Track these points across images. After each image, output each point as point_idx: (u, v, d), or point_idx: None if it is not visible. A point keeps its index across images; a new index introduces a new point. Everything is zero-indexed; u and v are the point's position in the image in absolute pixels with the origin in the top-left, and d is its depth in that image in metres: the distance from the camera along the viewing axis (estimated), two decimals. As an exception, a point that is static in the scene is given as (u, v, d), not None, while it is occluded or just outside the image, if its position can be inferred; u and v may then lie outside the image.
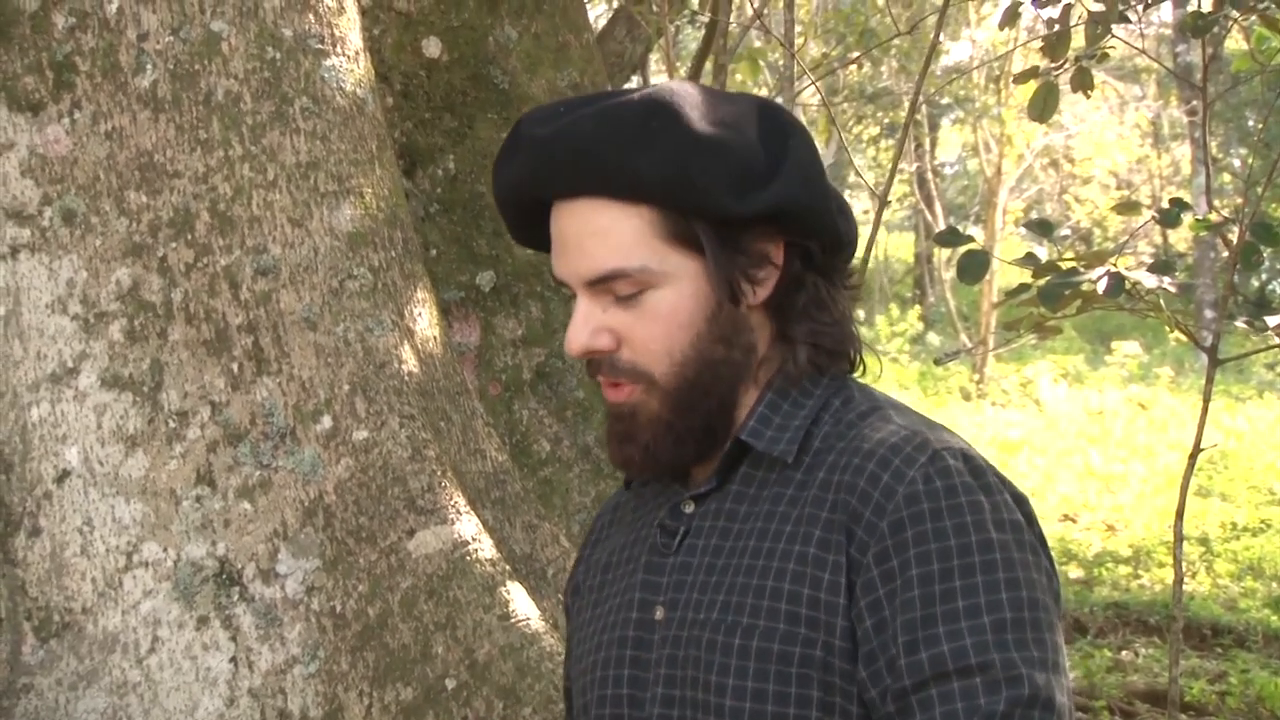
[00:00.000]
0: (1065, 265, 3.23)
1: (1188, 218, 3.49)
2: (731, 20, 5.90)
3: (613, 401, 1.36)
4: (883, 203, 4.14)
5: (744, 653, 1.27)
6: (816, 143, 1.81)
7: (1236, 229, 3.49)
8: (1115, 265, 3.14)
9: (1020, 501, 1.31)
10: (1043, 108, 3.71)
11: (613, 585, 1.44)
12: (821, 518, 1.29)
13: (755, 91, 8.04)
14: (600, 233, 1.31)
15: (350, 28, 2.62)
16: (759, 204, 1.31)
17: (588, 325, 1.33)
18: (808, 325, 1.37)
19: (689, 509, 1.39)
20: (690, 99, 1.32)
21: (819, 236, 1.36)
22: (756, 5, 5.69)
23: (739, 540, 1.33)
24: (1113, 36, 3.77)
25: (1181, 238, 19.70)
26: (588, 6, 5.77)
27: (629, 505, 1.52)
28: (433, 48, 3.18)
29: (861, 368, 1.44)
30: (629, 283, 1.31)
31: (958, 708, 1.18)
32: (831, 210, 1.36)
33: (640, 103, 1.32)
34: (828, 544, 1.28)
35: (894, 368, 15.42)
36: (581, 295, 1.34)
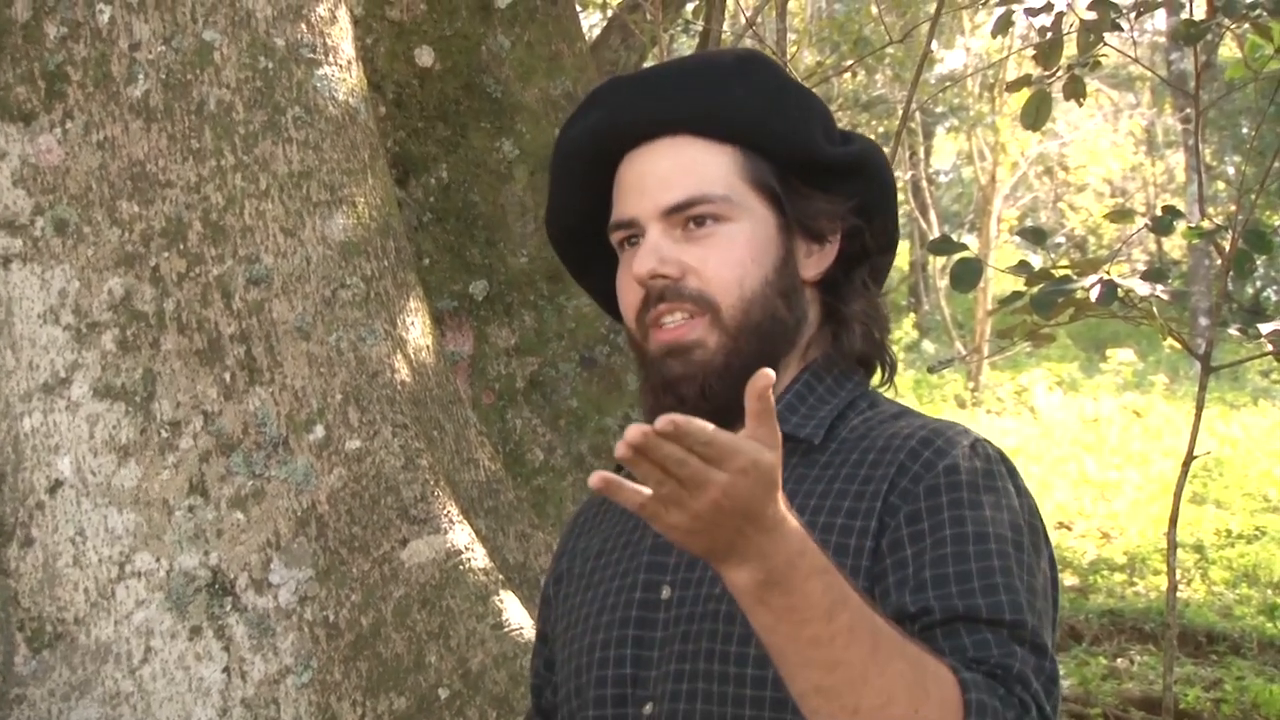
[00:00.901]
0: (1059, 273, 3.24)
1: (1181, 225, 3.50)
2: (725, 29, 5.91)
3: (666, 341, 1.35)
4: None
5: None
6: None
7: (1230, 236, 3.50)
8: (1109, 273, 3.15)
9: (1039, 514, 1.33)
10: (1035, 116, 3.72)
11: (608, 570, 1.43)
12: (852, 490, 1.30)
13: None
14: (686, 165, 1.35)
15: (343, 37, 2.62)
16: (843, 153, 1.38)
17: (656, 253, 1.34)
18: (861, 305, 1.41)
19: None
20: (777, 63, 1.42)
21: (881, 214, 1.41)
22: (750, 14, 5.69)
23: None
24: (1105, 44, 3.78)
25: (1175, 245, 19.72)
26: (581, 15, 5.78)
27: None
28: (425, 57, 3.18)
29: (889, 384, 1.46)
30: (710, 208, 1.34)
31: (988, 637, 1.18)
32: (895, 192, 1.44)
33: (731, 52, 1.41)
34: (856, 512, 1.28)
35: (889, 375, 15.36)
36: (652, 229, 1.35)
